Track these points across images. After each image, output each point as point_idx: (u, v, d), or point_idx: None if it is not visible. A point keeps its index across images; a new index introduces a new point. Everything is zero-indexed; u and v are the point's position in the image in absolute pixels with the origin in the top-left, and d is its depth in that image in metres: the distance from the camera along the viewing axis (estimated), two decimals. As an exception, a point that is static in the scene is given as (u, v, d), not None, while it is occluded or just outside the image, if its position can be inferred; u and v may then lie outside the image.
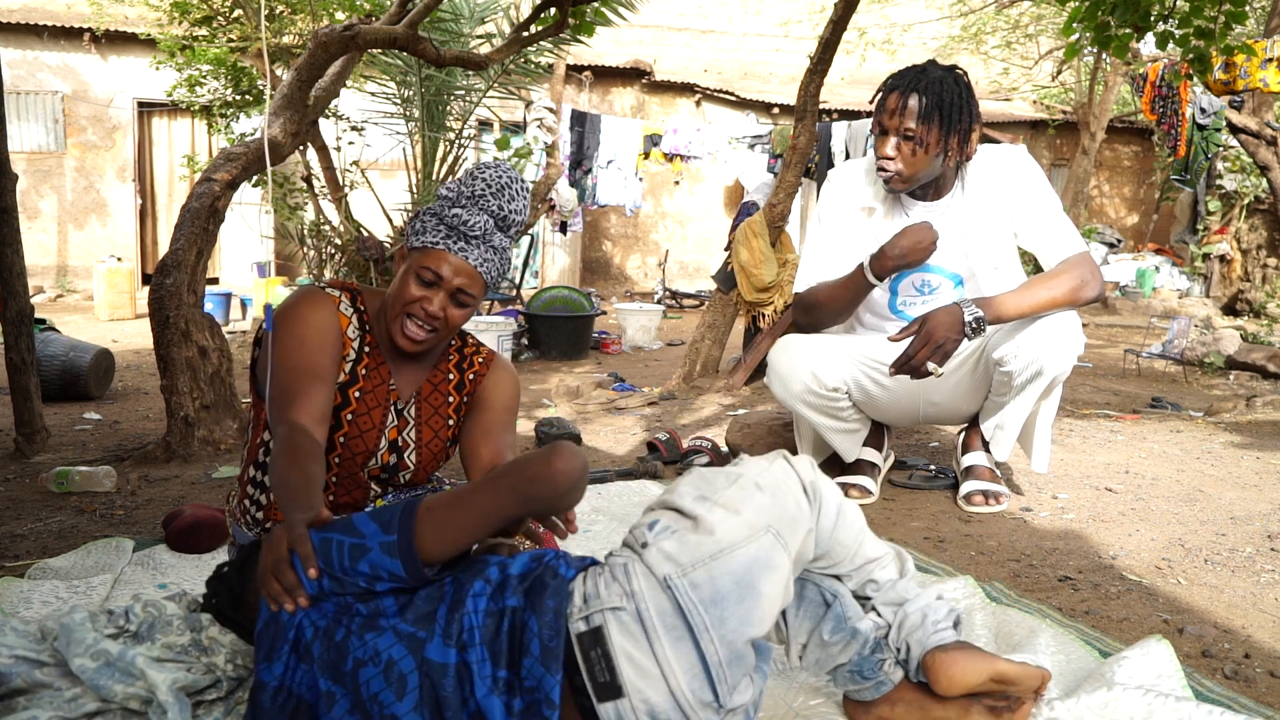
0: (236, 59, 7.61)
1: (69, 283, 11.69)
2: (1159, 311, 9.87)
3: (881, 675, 1.37)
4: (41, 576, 2.03)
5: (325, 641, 1.20)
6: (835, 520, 1.32)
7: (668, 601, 1.15)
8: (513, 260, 9.87)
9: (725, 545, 1.17)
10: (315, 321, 1.67)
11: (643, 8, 6.11)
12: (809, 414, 2.66)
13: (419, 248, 1.67)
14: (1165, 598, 1.95)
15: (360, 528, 1.23)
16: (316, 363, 1.63)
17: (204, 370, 3.40)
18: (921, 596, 1.39)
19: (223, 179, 3.49)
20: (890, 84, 2.49)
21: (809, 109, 4.58)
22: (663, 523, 1.22)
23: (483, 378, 1.87)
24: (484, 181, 1.67)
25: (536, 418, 4.21)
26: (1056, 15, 12.33)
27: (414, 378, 1.80)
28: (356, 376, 1.73)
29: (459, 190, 1.68)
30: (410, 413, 1.79)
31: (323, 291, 1.73)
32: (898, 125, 2.42)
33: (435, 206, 1.69)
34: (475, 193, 1.66)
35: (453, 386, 1.85)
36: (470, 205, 1.66)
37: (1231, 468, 3.12)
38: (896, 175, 2.47)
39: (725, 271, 4.90)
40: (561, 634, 1.16)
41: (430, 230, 1.67)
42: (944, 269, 2.60)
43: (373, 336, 1.76)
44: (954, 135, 2.44)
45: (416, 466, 1.80)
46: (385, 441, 1.75)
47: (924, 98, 2.40)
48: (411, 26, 3.37)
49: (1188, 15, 3.57)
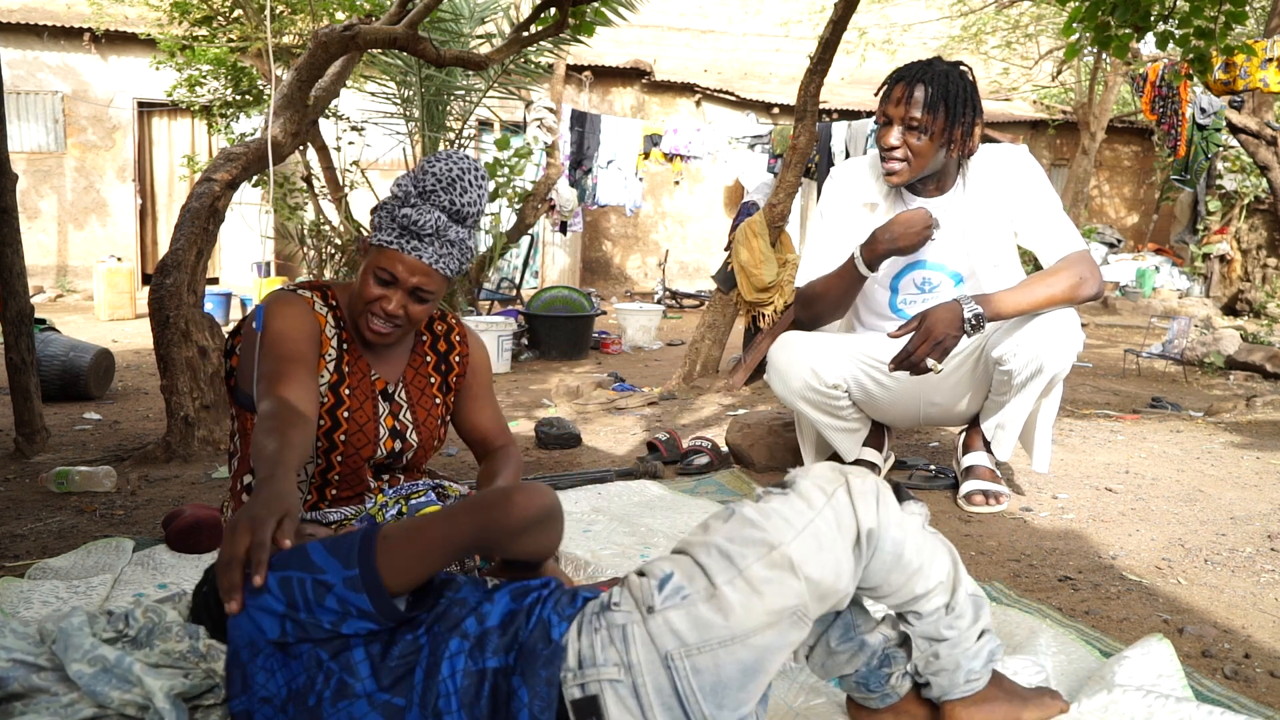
0: (236, 59, 7.61)
1: (69, 283, 11.69)
2: (1159, 311, 9.87)
3: (888, 689, 1.32)
4: (41, 576, 2.03)
5: (298, 704, 1.13)
6: (890, 566, 1.18)
7: (666, 681, 1.07)
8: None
9: (739, 633, 1.07)
10: (292, 315, 1.67)
11: (643, 8, 6.11)
12: (809, 411, 2.66)
13: (376, 246, 1.67)
14: (1165, 598, 1.95)
15: (319, 562, 1.14)
16: (298, 350, 1.62)
17: (204, 370, 3.40)
18: (963, 640, 1.27)
19: (223, 179, 3.49)
20: (896, 75, 2.50)
21: (809, 109, 4.58)
22: (676, 581, 1.10)
23: (467, 356, 1.92)
24: (434, 176, 1.64)
25: (536, 418, 4.21)
26: (1056, 15, 12.33)
27: (395, 364, 1.83)
28: (343, 373, 1.74)
29: (409, 187, 1.66)
30: (401, 396, 1.82)
31: (295, 293, 1.73)
32: (903, 114, 2.43)
33: (390, 203, 1.67)
34: (425, 189, 1.64)
35: (432, 367, 1.88)
36: (421, 203, 1.64)
37: (1231, 468, 3.12)
38: (900, 165, 2.48)
39: (725, 271, 4.90)
40: (554, 705, 1.10)
41: (385, 229, 1.66)
42: (944, 266, 2.60)
43: (348, 333, 1.78)
44: (958, 126, 2.45)
45: (418, 446, 1.83)
46: (384, 430, 1.77)
47: (929, 88, 2.41)
48: (411, 26, 3.37)
49: (1188, 15, 3.57)
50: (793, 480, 1.19)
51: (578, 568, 2.01)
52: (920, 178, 2.54)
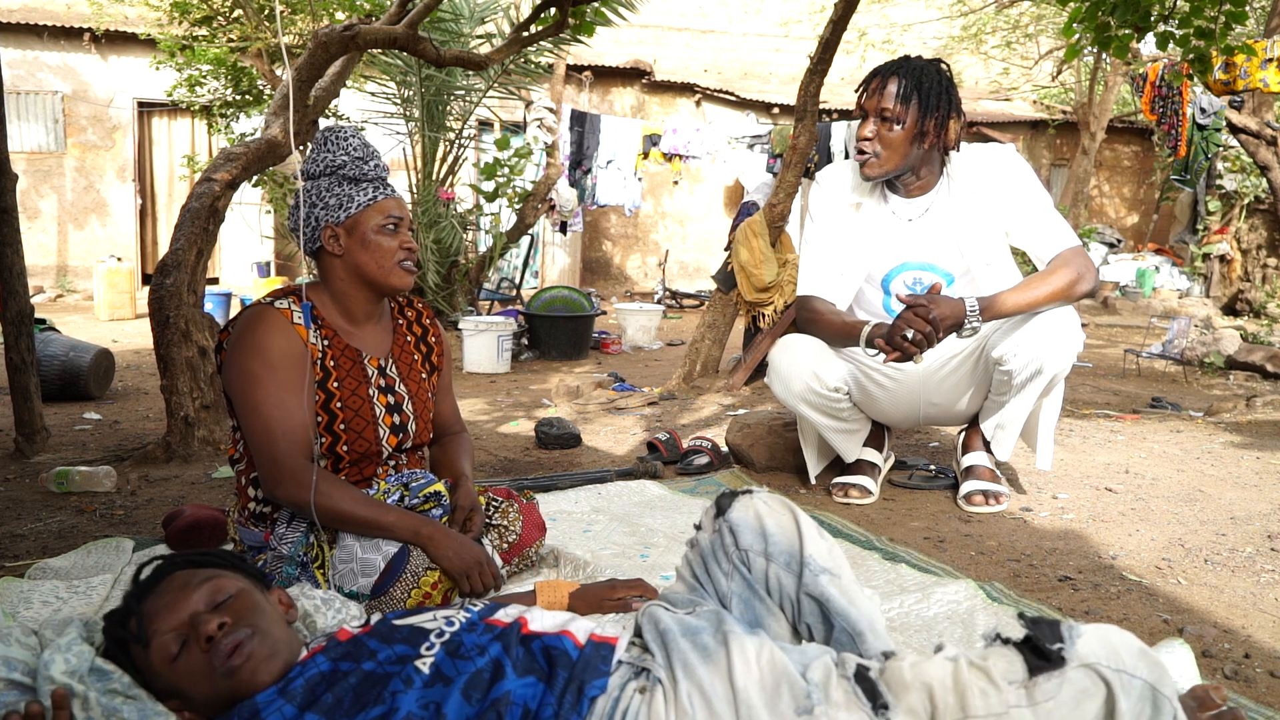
0: (236, 59, 7.61)
1: (69, 283, 11.69)
2: (1159, 311, 9.87)
3: None
4: (41, 576, 2.03)
5: None
6: None
7: None
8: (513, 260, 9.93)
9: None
10: (275, 348, 1.74)
11: (643, 8, 6.11)
12: (809, 413, 2.67)
13: (356, 214, 1.80)
14: (1165, 598, 1.95)
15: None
16: (288, 377, 1.74)
17: (204, 370, 3.40)
18: None
19: (223, 179, 3.49)
20: (873, 71, 2.57)
21: (809, 109, 4.58)
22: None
23: (440, 337, 2.05)
24: (338, 149, 1.82)
25: (536, 418, 4.21)
26: (1056, 15, 12.33)
27: (379, 341, 1.91)
28: (329, 370, 1.80)
29: (328, 162, 1.81)
30: (392, 370, 1.90)
31: (273, 308, 1.78)
32: (875, 105, 2.49)
33: (321, 185, 1.81)
34: (329, 159, 1.81)
35: (414, 346, 1.99)
36: (355, 163, 1.81)
37: (1231, 468, 3.12)
38: (874, 157, 2.51)
39: (725, 271, 4.90)
40: None
41: (348, 196, 1.80)
42: (936, 266, 2.61)
43: (329, 329, 1.83)
44: (930, 118, 2.48)
45: (415, 418, 1.91)
46: (380, 409, 1.84)
47: (903, 80, 2.48)
48: (411, 26, 3.37)
49: (1188, 15, 3.57)
50: None
51: (578, 568, 2.01)
52: (899, 174, 2.57)
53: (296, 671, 1.19)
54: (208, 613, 1.19)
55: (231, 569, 1.29)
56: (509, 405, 4.86)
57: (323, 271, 1.86)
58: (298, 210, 1.81)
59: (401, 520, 1.73)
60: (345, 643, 1.23)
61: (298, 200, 1.81)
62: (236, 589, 1.24)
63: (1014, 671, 1.01)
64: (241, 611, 1.21)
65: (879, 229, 2.64)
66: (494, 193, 7.86)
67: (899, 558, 2.14)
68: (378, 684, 1.14)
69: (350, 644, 1.22)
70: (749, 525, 1.33)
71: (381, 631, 1.23)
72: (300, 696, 1.15)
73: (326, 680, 1.17)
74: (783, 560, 1.31)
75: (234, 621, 1.19)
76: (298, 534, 1.76)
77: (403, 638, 1.21)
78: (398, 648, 1.19)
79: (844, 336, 2.58)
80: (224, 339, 1.82)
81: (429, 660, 1.16)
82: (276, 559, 1.76)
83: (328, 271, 1.85)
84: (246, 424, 1.73)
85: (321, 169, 1.81)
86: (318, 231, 1.81)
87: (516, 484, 2.80)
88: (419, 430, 1.93)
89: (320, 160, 1.81)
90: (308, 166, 1.82)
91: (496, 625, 1.23)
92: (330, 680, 1.17)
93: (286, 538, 1.76)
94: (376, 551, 1.72)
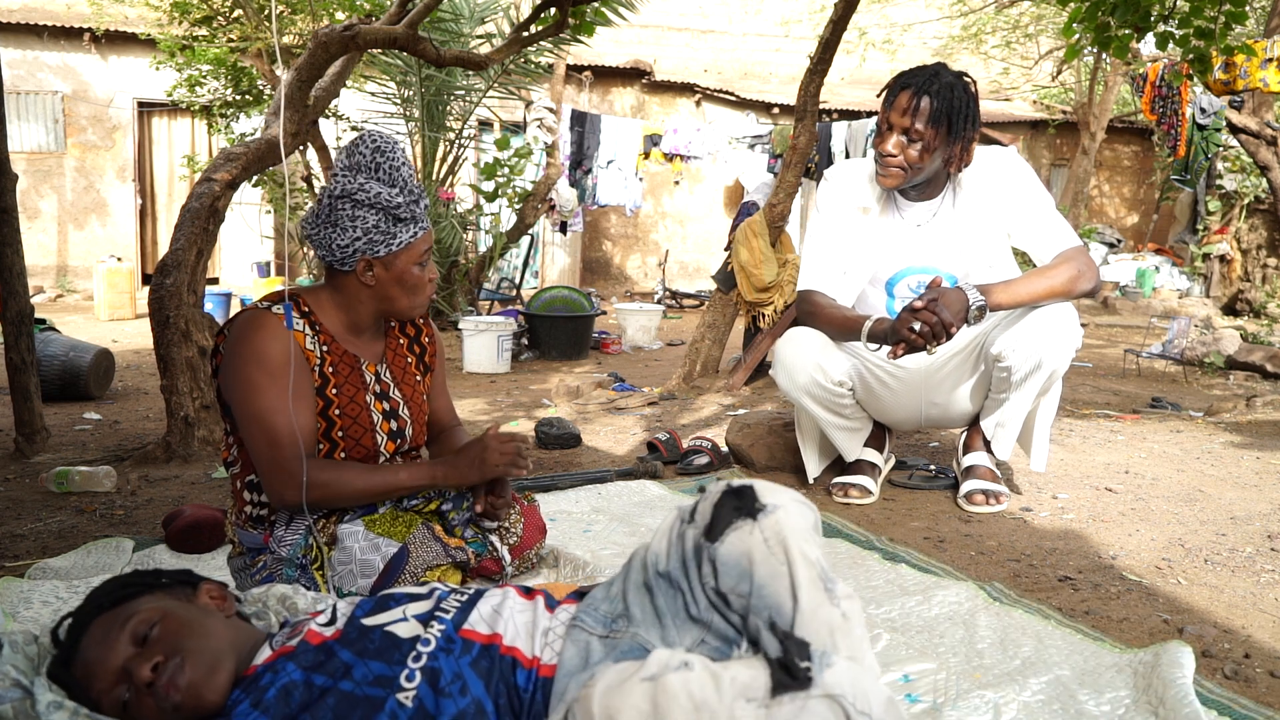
0: (236, 59, 7.61)
1: (69, 283, 11.69)
2: (1159, 311, 9.87)
3: None
4: (41, 576, 2.03)
5: None
6: None
7: None
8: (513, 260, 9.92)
9: None
10: (274, 355, 1.71)
11: (643, 8, 6.12)
12: (812, 407, 2.67)
13: (398, 252, 1.76)
14: (1165, 598, 1.95)
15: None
16: (299, 417, 1.73)
17: (204, 370, 3.40)
18: None
19: (223, 179, 3.49)
20: (903, 82, 2.48)
21: (809, 109, 4.58)
22: None
23: (434, 337, 2.05)
24: (391, 183, 1.74)
25: (536, 418, 4.21)
26: (1056, 15, 12.33)
27: (373, 348, 1.91)
28: (327, 377, 1.79)
29: (382, 199, 1.72)
30: (386, 375, 1.90)
31: (269, 313, 1.75)
32: (907, 125, 2.43)
33: (368, 218, 1.72)
34: (395, 199, 1.74)
35: (406, 349, 1.98)
36: (409, 206, 1.76)
37: (1231, 468, 3.12)
38: (896, 171, 2.48)
39: (725, 271, 4.90)
40: None
41: (393, 235, 1.75)
42: (939, 269, 2.61)
43: (326, 335, 1.82)
44: (958, 143, 2.46)
45: (411, 422, 1.92)
46: (377, 415, 1.84)
47: (935, 101, 2.40)
48: (411, 26, 3.37)
49: (1188, 15, 3.57)
50: None
51: (577, 568, 2.01)
52: (913, 184, 2.56)
53: (268, 679, 1.17)
54: (138, 655, 1.16)
55: (147, 590, 1.25)
56: (509, 405, 4.86)
57: (338, 284, 1.80)
58: (323, 226, 1.73)
59: (413, 473, 1.79)
60: (316, 649, 1.20)
61: (323, 214, 1.73)
62: (159, 615, 1.20)
63: (755, 689, 0.96)
64: (169, 639, 1.18)
65: (887, 234, 2.63)
66: (494, 193, 7.86)
67: (899, 558, 2.14)
68: (358, 708, 1.14)
69: (321, 652, 1.20)
70: (736, 567, 1.10)
71: (352, 639, 1.21)
72: (275, 710, 1.15)
73: (302, 697, 1.16)
74: (765, 617, 1.08)
75: (165, 656, 1.16)
76: (297, 536, 1.76)
77: (376, 650, 1.19)
78: (373, 664, 1.18)
79: (845, 331, 2.57)
80: (220, 342, 1.81)
81: (410, 693, 1.15)
82: (276, 561, 1.76)
83: (345, 288, 1.80)
84: (248, 432, 1.72)
85: (371, 199, 1.71)
86: (352, 260, 1.74)
87: (517, 484, 2.80)
88: (415, 434, 1.93)
89: (370, 190, 1.71)
90: (351, 189, 1.70)
91: (473, 641, 1.21)
92: (306, 699, 1.15)
93: (285, 540, 1.76)
94: (375, 552, 1.72)
